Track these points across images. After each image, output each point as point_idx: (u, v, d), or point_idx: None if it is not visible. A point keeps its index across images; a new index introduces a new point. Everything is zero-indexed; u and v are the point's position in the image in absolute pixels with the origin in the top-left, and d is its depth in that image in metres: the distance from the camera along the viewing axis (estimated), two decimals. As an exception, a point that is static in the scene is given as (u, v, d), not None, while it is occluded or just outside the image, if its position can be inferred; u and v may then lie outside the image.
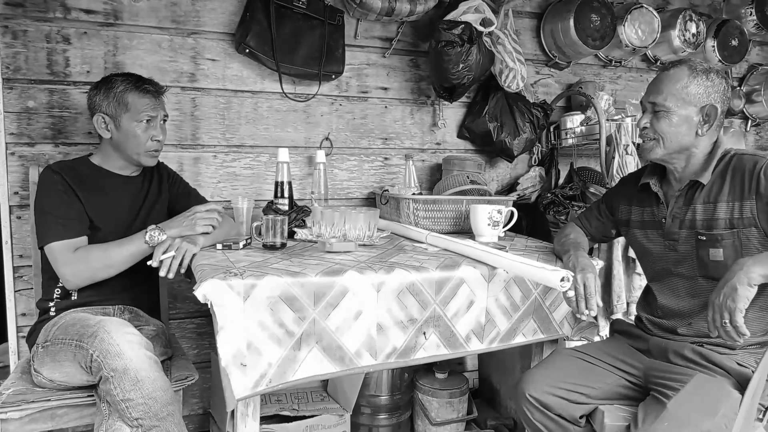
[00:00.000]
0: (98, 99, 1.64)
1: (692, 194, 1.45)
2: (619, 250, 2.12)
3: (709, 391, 1.31)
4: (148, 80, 1.68)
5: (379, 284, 1.34)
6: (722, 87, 1.40)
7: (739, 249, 1.36)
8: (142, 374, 1.30)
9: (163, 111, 1.71)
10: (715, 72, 1.40)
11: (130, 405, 1.29)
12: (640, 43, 2.54)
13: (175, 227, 1.58)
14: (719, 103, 1.39)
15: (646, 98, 1.46)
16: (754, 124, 3.16)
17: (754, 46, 3.08)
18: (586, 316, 1.40)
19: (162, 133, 1.70)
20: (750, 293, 1.18)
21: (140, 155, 1.67)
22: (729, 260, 1.36)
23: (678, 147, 1.42)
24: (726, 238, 1.37)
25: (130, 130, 1.63)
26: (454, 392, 2.19)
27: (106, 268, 1.54)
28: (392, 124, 2.41)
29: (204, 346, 2.19)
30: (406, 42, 2.38)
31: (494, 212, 1.80)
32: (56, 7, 1.90)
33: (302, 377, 1.28)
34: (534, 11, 2.60)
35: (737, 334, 1.19)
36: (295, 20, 2.08)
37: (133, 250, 1.55)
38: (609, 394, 1.47)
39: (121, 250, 1.54)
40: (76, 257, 1.52)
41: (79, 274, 1.52)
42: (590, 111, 2.42)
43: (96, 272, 1.53)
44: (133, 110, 1.63)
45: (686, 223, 1.45)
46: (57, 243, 1.52)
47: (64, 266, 1.51)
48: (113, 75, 1.67)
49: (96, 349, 1.31)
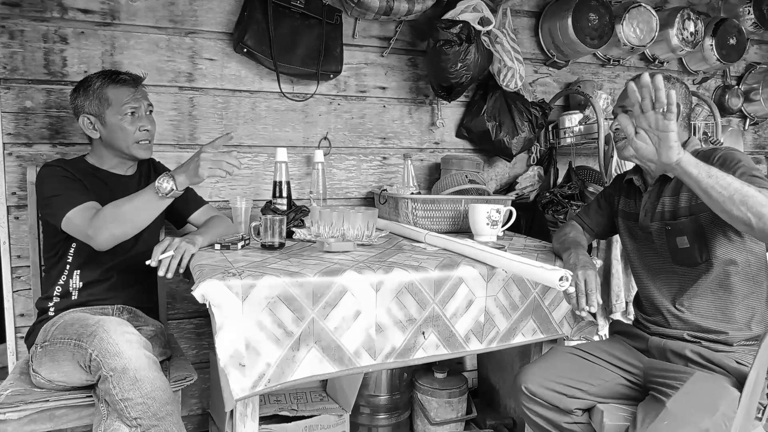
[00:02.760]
0: (79, 101, 1.63)
1: (661, 188, 1.51)
2: (617, 249, 2.12)
3: (709, 389, 1.31)
4: (124, 72, 1.67)
5: (377, 284, 1.34)
6: (683, 90, 1.51)
7: (702, 233, 1.41)
8: (141, 374, 1.30)
9: (146, 101, 1.68)
10: (675, 78, 1.54)
11: (129, 404, 1.29)
12: (638, 42, 2.54)
13: (182, 172, 1.46)
14: (682, 105, 1.48)
15: (616, 106, 1.56)
16: (752, 122, 3.16)
17: (752, 44, 3.08)
18: (586, 313, 1.41)
19: (150, 123, 1.68)
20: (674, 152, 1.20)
21: (131, 147, 1.65)
22: (694, 244, 1.42)
23: None
24: (688, 225, 1.43)
25: (116, 124, 1.62)
26: (454, 392, 2.19)
27: (121, 223, 1.47)
28: (390, 123, 2.41)
29: (203, 347, 2.19)
30: (405, 41, 2.38)
31: (493, 211, 1.80)
32: (53, 6, 1.89)
33: (301, 377, 1.27)
34: (532, 10, 2.59)
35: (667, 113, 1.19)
36: (293, 19, 2.08)
37: (143, 201, 1.48)
38: (607, 392, 1.48)
39: (132, 203, 1.48)
40: (93, 216, 1.48)
41: (99, 232, 1.47)
42: (589, 110, 2.42)
43: (113, 228, 1.47)
44: (115, 103, 1.61)
45: (656, 216, 1.51)
46: (72, 211, 1.50)
47: (86, 228, 1.47)
48: (90, 74, 1.66)
49: (95, 349, 1.31)
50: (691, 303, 1.45)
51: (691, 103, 1.54)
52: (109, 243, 1.50)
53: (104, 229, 1.47)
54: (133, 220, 1.49)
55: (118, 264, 1.66)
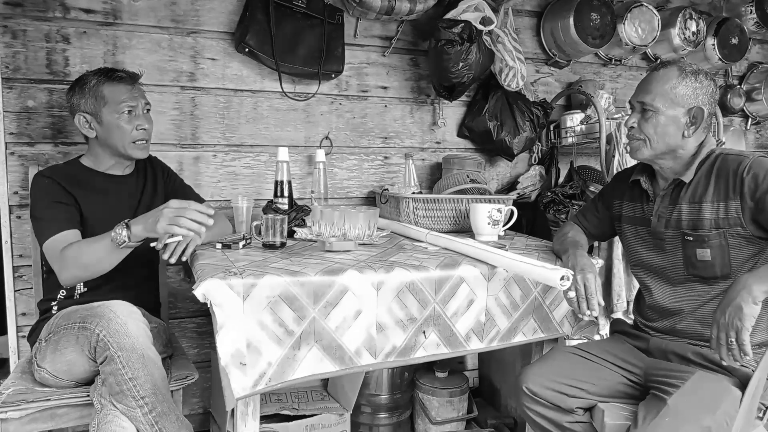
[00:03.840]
0: (75, 99, 1.61)
1: (677, 194, 1.47)
2: (619, 248, 2.12)
3: (710, 387, 1.31)
4: (120, 69, 1.65)
5: (378, 283, 1.34)
6: (710, 89, 1.41)
7: (726, 249, 1.38)
8: (148, 352, 1.33)
9: (144, 99, 1.66)
10: (704, 74, 1.42)
11: (138, 383, 1.30)
12: (640, 42, 2.54)
13: (139, 224, 1.37)
14: (706, 105, 1.41)
15: (635, 98, 1.47)
16: (754, 122, 3.16)
17: (755, 44, 3.07)
18: (587, 316, 1.41)
19: (147, 122, 1.65)
20: (755, 311, 1.19)
21: (127, 147, 1.62)
22: (716, 260, 1.38)
23: (665, 148, 1.44)
24: (713, 239, 1.38)
25: (113, 123, 1.59)
26: (455, 391, 2.19)
27: (82, 268, 1.43)
28: (392, 123, 2.41)
29: (204, 346, 2.20)
30: (406, 41, 2.38)
31: (494, 211, 1.80)
32: (56, 6, 1.90)
33: (302, 376, 1.28)
34: (534, 10, 2.59)
35: (741, 354, 1.19)
36: (295, 19, 2.08)
37: (102, 248, 1.42)
38: (608, 391, 1.48)
39: (91, 249, 1.43)
40: (61, 255, 1.45)
41: (63, 272, 1.45)
42: (590, 109, 2.42)
43: (75, 271, 1.44)
44: (111, 102, 1.58)
45: (672, 223, 1.46)
46: (49, 240, 1.49)
47: (54, 264, 1.47)
48: (86, 72, 1.64)
49: (103, 329, 1.31)
50: (697, 312, 1.44)
51: (716, 101, 1.45)
52: (73, 283, 1.51)
53: (66, 271, 1.45)
54: (94, 266, 1.44)
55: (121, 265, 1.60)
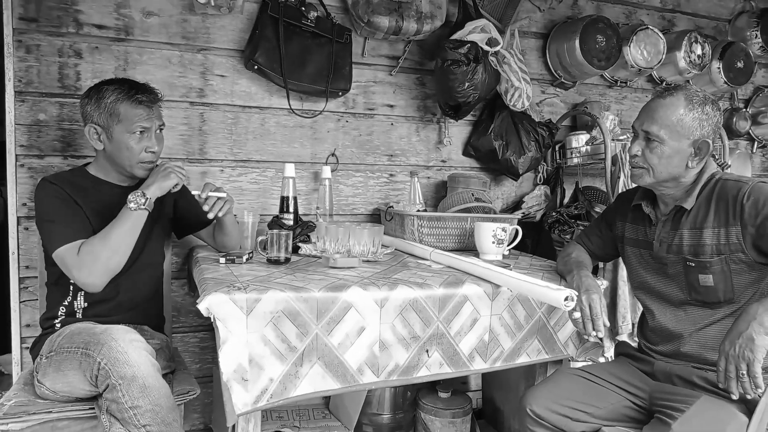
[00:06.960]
0: (89, 108, 1.57)
1: (678, 219, 1.47)
2: (624, 270, 2.11)
3: (716, 412, 1.29)
4: (142, 87, 1.59)
5: (382, 300, 1.34)
6: (716, 119, 1.40)
7: (728, 274, 1.37)
8: (150, 381, 1.31)
9: (159, 121, 1.62)
10: (711, 103, 1.40)
11: (138, 412, 1.29)
12: (645, 64, 2.55)
13: (152, 185, 1.53)
14: (711, 137, 1.40)
15: (639, 125, 1.45)
16: (760, 146, 3.16)
17: (760, 68, 3.09)
18: (593, 337, 1.40)
19: (158, 143, 1.61)
20: (767, 342, 1.17)
21: (133, 167, 1.59)
22: (719, 285, 1.38)
23: (667, 176, 1.44)
24: (715, 264, 1.38)
25: (123, 142, 1.56)
26: (457, 412, 2.16)
27: (113, 252, 1.46)
28: (398, 141, 2.42)
29: (206, 361, 2.19)
30: (413, 60, 2.41)
31: (499, 230, 1.80)
32: (69, 22, 1.93)
33: (303, 393, 1.27)
34: (540, 32, 2.62)
35: (754, 386, 1.18)
36: (304, 38, 2.11)
37: (126, 222, 1.48)
38: (612, 415, 1.46)
39: (116, 228, 1.47)
40: (82, 255, 1.45)
41: (94, 271, 1.44)
42: (596, 131, 2.43)
43: (107, 261, 1.45)
44: (125, 121, 1.54)
45: (673, 248, 1.46)
46: (64, 247, 1.46)
47: (77, 270, 1.45)
48: (104, 82, 1.59)
49: (104, 357, 1.31)
50: (701, 336, 1.43)
51: (720, 129, 1.43)
52: (102, 281, 1.48)
53: (96, 266, 1.44)
54: (121, 246, 1.47)
55: (122, 282, 1.60)
